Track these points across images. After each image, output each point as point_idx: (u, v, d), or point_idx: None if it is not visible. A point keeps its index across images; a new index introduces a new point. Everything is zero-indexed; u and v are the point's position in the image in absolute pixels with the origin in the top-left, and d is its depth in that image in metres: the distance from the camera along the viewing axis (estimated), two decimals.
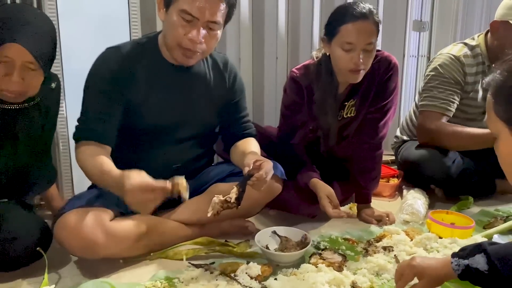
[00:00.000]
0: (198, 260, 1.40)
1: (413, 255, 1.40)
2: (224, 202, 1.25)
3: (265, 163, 1.31)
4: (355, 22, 1.51)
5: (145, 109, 1.41)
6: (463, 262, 1.03)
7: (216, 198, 1.26)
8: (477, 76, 1.95)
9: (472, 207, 1.92)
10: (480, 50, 1.95)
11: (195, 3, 1.27)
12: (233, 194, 1.26)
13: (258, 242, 1.43)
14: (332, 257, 1.40)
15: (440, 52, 2.02)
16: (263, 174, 1.28)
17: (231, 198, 1.25)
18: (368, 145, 1.75)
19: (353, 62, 1.53)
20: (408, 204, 1.75)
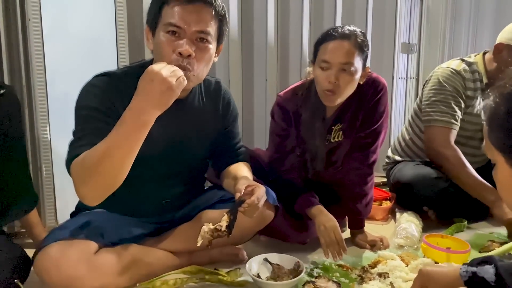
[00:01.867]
0: None
1: (409, 282, 1.36)
2: (214, 230, 1.20)
3: (257, 188, 1.26)
4: (333, 41, 1.49)
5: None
6: (471, 269, 1.01)
7: (206, 227, 1.20)
8: (476, 92, 1.95)
9: (466, 230, 1.88)
10: (477, 68, 1.95)
11: (179, 13, 1.17)
12: (224, 222, 1.20)
13: (249, 270, 1.38)
14: (326, 285, 1.35)
15: (438, 67, 2.01)
16: (255, 200, 1.23)
17: (222, 226, 1.20)
18: (359, 171, 1.71)
19: (328, 81, 1.49)
20: (402, 228, 1.72)
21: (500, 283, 0.96)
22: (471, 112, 1.96)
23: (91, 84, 1.27)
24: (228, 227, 1.20)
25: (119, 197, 1.22)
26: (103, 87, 1.26)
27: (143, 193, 1.42)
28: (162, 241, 1.48)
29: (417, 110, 2.07)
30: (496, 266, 0.98)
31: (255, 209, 1.26)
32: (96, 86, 1.26)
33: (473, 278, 1.00)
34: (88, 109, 1.23)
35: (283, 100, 1.67)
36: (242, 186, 1.25)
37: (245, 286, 1.38)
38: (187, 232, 1.47)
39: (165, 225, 1.51)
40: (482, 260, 1.03)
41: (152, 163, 1.37)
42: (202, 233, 1.20)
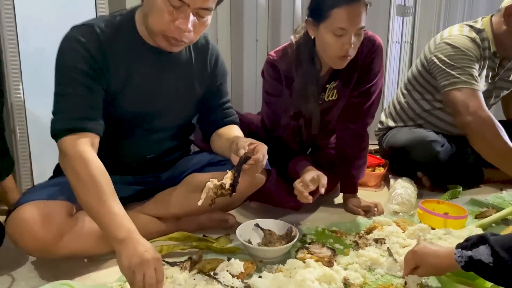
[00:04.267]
0: (173, 258, 1.26)
1: (407, 247, 1.31)
2: (219, 187, 1.11)
3: (261, 146, 1.18)
4: (349, 5, 1.37)
5: (122, 96, 1.23)
6: (466, 253, 0.98)
7: (210, 183, 1.12)
8: (484, 61, 1.85)
9: (461, 197, 1.84)
10: (486, 35, 1.85)
11: None
12: (228, 180, 1.12)
13: (240, 236, 1.30)
14: (320, 251, 1.29)
15: (449, 33, 1.85)
16: (260, 157, 1.15)
17: (226, 184, 1.11)
18: (353, 131, 1.64)
19: (344, 49, 1.41)
20: (398, 193, 1.66)
21: (498, 261, 0.92)
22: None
23: (71, 39, 1.16)
24: (232, 185, 1.11)
25: (101, 152, 1.14)
26: (86, 42, 1.15)
27: (126, 147, 1.32)
28: (147, 205, 1.39)
29: (417, 75, 1.97)
30: (490, 246, 0.94)
31: (260, 167, 1.17)
32: (78, 42, 1.15)
33: (470, 262, 0.97)
34: (71, 70, 1.14)
35: (274, 58, 1.57)
36: (245, 143, 1.16)
37: (235, 253, 1.31)
38: (174, 196, 1.39)
39: (149, 186, 1.42)
40: (475, 241, 0.98)
41: (137, 117, 1.28)
42: (206, 189, 1.12)
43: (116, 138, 1.30)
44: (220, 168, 1.36)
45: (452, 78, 1.75)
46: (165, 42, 1.17)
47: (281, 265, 1.23)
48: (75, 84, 1.13)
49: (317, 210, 1.67)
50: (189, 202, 1.35)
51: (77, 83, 1.13)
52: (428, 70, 1.90)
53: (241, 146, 1.15)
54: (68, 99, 1.14)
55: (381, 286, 1.15)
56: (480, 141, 1.71)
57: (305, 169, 1.50)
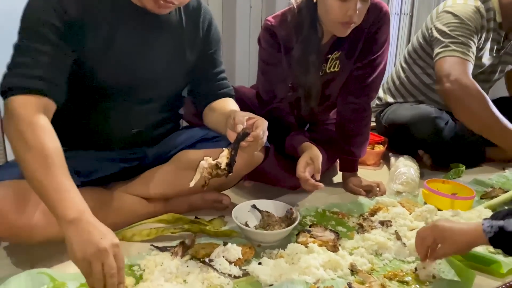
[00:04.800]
0: (162, 242, 1.15)
1: (415, 230, 1.22)
2: (214, 167, 0.99)
3: (261, 121, 1.06)
4: None
5: (102, 62, 1.09)
6: (497, 223, 0.91)
7: (205, 162, 1.00)
8: (488, 33, 1.75)
9: (463, 176, 1.76)
10: (492, 5, 1.73)
11: None
12: (224, 159, 1.00)
13: (236, 219, 1.20)
14: (323, 235, 1.19)
15: (453, 2, 1.75)
16: (260, 134, 1.03)
17: (221, 163, 0.99)
18: (355, 105, 1.53)
19: (348, 15, 1.28)
20: (401, 172, 1.57)
21: None
22: (477, 55, 1.76)
23: None
24: (229, 165, 1.00)
25: (83, 126, 1.05)
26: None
27: (110, 120, 1.19)
28: (133, 185, 1.27)
29: (418, 48, 1.86)
30: None
31: (260, 145, 1.06)
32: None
33: (500, 234, 0.90)
34: (39, 23, 0.98)
35: (272, 24, 1.44)
36: (243, 118, 1.04)
37: (231, 236, 1.20)
38: (163, 174, 1.27)
39: (135, 163, 1.29)
40: (508, 212, 0.93)
41: (120, 87, 1.14)
42: (200, 169, 1.00)
43: (97, 111, 1.17)
44: (215, 145, 1.24)
45: (443, 47, 1.66)
46: (152, 2, 1.04)
47: (281, 249, 1.13)
48: (40, 40, 0.98)
49: (316, 190, 1.57)
50: (180, 181, 1.24)
51: (44, 39, 0.98)
52: (429, 42, 1.79)
53: (239, 121, 1.03)
54: (29, 54, 0.97)
55: (391, 272, 1.06)
56: (462, 109, 1.61)
57: (303, 145, 1.39)
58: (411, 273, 1.06)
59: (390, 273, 1.06)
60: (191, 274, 1.01)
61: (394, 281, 1.04)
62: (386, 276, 1.05)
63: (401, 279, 1.04)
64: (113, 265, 0.83)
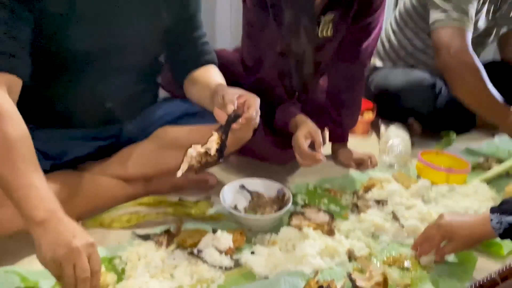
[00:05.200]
0: (145, 229, 1.06)
1: (412, 209, 1.17)
2: (204, 155, 0.89)
3: (253, 99, 0.95)
4: None
5: (66, 25, 0.94)
6: (506, 219, 0.86)
7: (193, 150, 0.89)
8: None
9: (454, 145, 1.71)
10: None
11: None
12: (213, 144, 0.89)
13: (224, 201, 1.11)
14: (317, 217, 1.12)
15: None
16: (253, 114, 0.93)
17: (211, 150, 0.89)
18: (348, 73, 1.43)
19: None
20: (395, 144, 1.50)
21: None
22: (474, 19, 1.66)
23: None
24: (220, 151, 0.89)
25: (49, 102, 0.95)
26: None
27: (80, 94, 1.05)
28: (110, 165, 1.15)
29: (410, 9, 1.74)
30: None
31: (253, 126, 0.96)
32: None
33: (510, 230, 0.86)
34: None
35: None
36: (233, 97, 0.92)
37: (218, 220, 1.12)
38: (142, 153, 1.15)
39: (110, 140, 1.17)
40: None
41: (89, 54, 1.00)
42: (188, 158, 0.89)
43: (64, 84, 1.03)
44: (199, 121, 1.13)
45: (443, 14, 1.53)
46: None
47: (274, 234, 1.06)
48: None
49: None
50: (161, 160, 1.14)
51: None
52: (423, 4, 1.67)
53: (229, 101, 0.91)
54: None
55: (390, 258, 1.01)
56: (460, 86, 1.54)
57: (295, 118, 1.29)
58: (411, 258, 1.01)
59: (390, 259, 1.01)
60: (179, 267, 0.93)
61: (394, 267, 0.99)
62: (386, 262, 1.00)
63: (402, 265, 0.99)
64: (86, 267, 0.73)
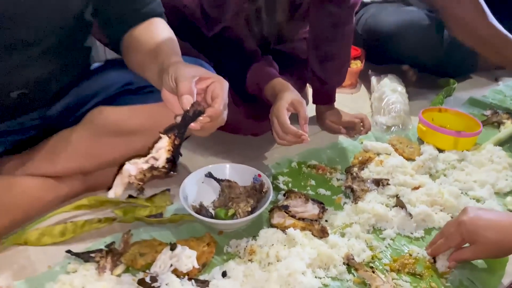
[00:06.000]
0: (85, 243, 0.82)
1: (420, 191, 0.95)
2: (147, 171, 0.63)
3: (219, 84, 0.68)
4: None
5: None
6: None
7: (132, 166, 0.63)
8: None
9: (455, 94, 1.47)
10: None
11: None
12: (162, 153, 0.63)
13: (185, 199, 0.87)
14: (304, 210, 0.89)
15: None
16: (219, 109, 0.66)
17: (159, 160, 0.63)
18: (334, 17, 1.14)
19: None
20: (391, 102, 1.25)
21: None
22: None
23: None
24: (172, 161, 0.63)
25: None
26: None
27: None
28: (33, 161, 0.88)
29: None
30: None
31: (219, 123, 0.70)
32: None
33: None
34: None
35: None
36: (191, 82, 0.65)
37: (179, 222, 0.88)
38: (74, 142, 0.88)
39: (29, 133, 0.90)
40: None
41: None
42: (125, 177, 0.63)
43: None
44: (143, 99, 0.85)
45: None
46: None
47: (251, 240, 0.83)
48: None
49: None
50: (99, 150, 0.89)
51: None
52: None
53: (185, 89, 0.64)
54: None
55: (398, 262, 0.80)
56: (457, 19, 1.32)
57: (272, 82, 1.03)
58: (423, 259, 0.81)
59: (398, 262, 0.80)
60: None
61: (403, 273, 0.78)
62: (393, 268, 0.79)
63: (413, 270, 0.79)
64: None
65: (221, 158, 1.09)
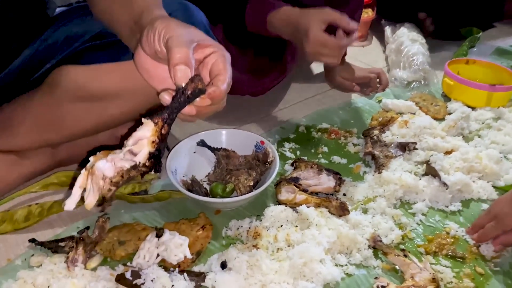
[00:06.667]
0: (54, 228, 0.68)
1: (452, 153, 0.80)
2: (126, 172, 0.45)
3: (220, 54, 0.50)
4: None
5: None
6: None
7: (108, 164, 0.45)
8: None
9: (478, 45, 1.31)
10: None
11: None
12: (144, 145, 0.45)
13: (173, 173, 0.71)
14: (318, 182, 0.74)
15: None
16: (223, 89, 0.48)
17: (139, 155, 0.45)
18: None
19: None
20: (412, 52, 1.08)
21: None
22: None
23: None
24: (156, 157, 0.46)
25: None
26: None
27: None
28: None
29: None
30: None
31: (219, 109, 0.52)
32: None
33: None
34: None
35: None
36: (188, 48, 0.47)
37: (168, 200, 0.73)
38: (34, 110, 0.71)
39: None
40: None
41: None
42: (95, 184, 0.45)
43: None
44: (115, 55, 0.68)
45: None
46: None
47: (255, 220, 0.68)
48: None
49: (289, 90, 1.08)
50: (63, 119, 0.73)
51: None
52: None
53: (181, 58, 0.46)
54: None
55: (434, 242, 0.66)
56: None
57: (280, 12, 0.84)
58: (462, 238, 0.67)
59: (434, 243, 0.66)
60: None
61: (441, 256, 0.64)
62: (429, 250, 0.65)
63: (452, 251, 0.65)
64: None
65: (215, 123, 0.94)
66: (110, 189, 0.45)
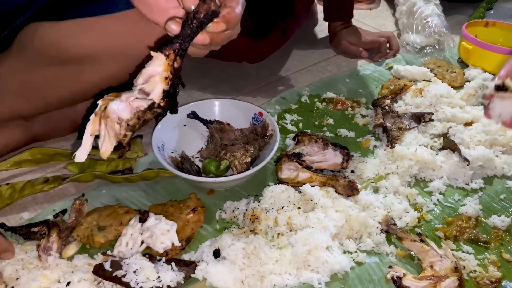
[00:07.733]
0: (28, 211, 0.61)
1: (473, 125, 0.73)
2: (142, 113, 0.39)
3: None
4: None
5: None
6: None
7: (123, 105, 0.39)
8: None
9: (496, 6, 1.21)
10: None
11: None
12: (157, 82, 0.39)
13: (160, 149, 0.64)
14: (323, 158, 0.66)
15: None
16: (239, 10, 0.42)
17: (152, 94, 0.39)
18: None
19: None
20: (425, 14, 0.98)
21: None
22: None
23: None
24: (171, 95, 0.40)
25: None
26: None
27: None
28: None
29: None
30: None
31: (233, 36, 0.47)
32: None
33: None
34: None
35: None
36: None
37: (154, 179, 0.66)
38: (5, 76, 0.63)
39: None
40: None
41: None
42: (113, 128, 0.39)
43: None
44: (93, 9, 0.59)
45: None
46: None
47: (253, 202, 0.61)
48: None
49: (290, 57, 0.98)
50: (36, 86, 0.65)
51: None
52: None
53: None
54: None
55: (454, 224, 0.59)
56: None
57: None
58: (484, 222, 0.59)
59: (454, 226, 0.59)
60: None
61: (462, 241, 0.57)
62: (449, 234, 0.58)
63: (475, 236, 0.58)
64: None
65: (209, 92, 0.85)
66: (125, 135, 0.39)
